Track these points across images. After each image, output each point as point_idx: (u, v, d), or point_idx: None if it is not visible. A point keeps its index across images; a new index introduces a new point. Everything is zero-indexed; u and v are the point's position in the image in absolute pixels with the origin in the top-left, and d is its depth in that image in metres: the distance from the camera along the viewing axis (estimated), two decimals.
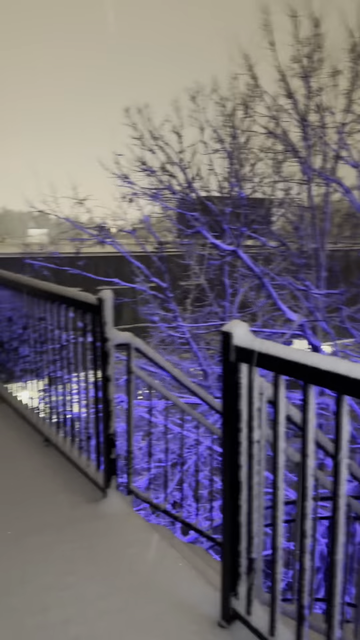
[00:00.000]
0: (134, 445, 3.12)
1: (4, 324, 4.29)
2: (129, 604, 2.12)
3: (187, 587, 2.24)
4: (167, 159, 9.78)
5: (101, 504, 2.82)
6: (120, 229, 10.33)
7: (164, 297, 9.90)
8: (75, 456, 3.26)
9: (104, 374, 2.87)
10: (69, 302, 3.16)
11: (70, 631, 1.97)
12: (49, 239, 11.14)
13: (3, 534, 2.58)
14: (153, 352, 3.12)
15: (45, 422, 3.69)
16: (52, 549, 2.46)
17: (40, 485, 3.07)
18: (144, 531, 2.61)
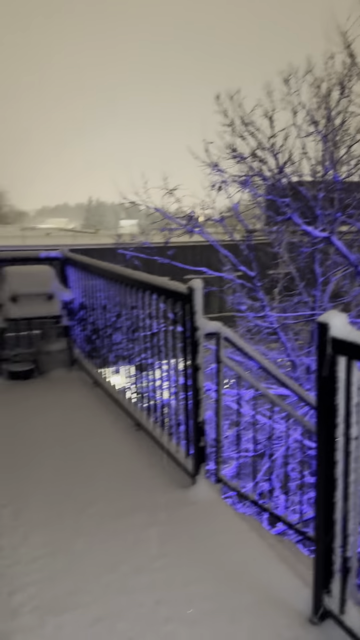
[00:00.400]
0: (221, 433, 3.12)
1: (99, 311, 4.46)
2: (218, 591, 2.14)
3: (277, 580, 2.21)
4: (258, 145, 9.60)
5: (191, 490, 2.86)
6: (209, 217, 10.32)
7: (252, 286, 9.78)
8: (165, 441, 3.33)
9: (194, 363, 2.90)
10: (160, 291, 3.21)
11: (161, 612, 2.03)
12: (140, 229, 11.40)
13: (98, 514, 2.70)
14: (242, 341, 3.09)
15: (136, 407, 3.81)
16: (143, 532, 2.54)
17: (132, 468, 3.17)
18: (233, 520, 2.61)
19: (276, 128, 9.42)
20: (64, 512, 2.71)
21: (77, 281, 5.11)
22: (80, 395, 4.46)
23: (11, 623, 1.98)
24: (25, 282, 4.81)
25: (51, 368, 5.01)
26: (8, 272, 4.83)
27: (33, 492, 2.91)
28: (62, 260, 5.51)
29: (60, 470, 3.14)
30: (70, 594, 2.14)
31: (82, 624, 1.98)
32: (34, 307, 4.82)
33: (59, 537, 2.50)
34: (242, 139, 9.65)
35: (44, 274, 4.93)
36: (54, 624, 1.98)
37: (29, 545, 2.44)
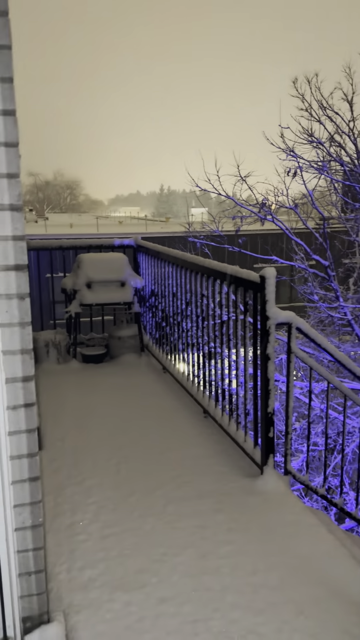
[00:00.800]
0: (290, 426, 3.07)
1: (169, 299, 4.51)
2: (285, 583, 2.12)
3: (347, 576, 2.16)
4: (336, 129, 9.24)
5: (259, 481, 2.85)
6: (281, 204, 10.09)
7: (325, 276, 9.49)
8: (232, 430, 3.33)
9: (264, 352, 2.86)
10: (230, 279, 3.19)
11: (227, 598, 2.04)
12: (210, 217, 11.36)
13: (165, 497, 2.75)
14: (315, 332, 3.01)
15: (204, 395, 3.83)
16: (210, 517, 2.56)
17: (199, 454, 3.20)
18: (301, 513, 2.57)
19: (356, 112, 9.02)
20: (133, 493, 2.79)
21: (148, 268, 5.19)
22: (149, 380, 4.54)
23: (82, 596, 2.07)
24: (99, 269, 4.95)
25: (122, 353, 5.14)
26: (84, 259, 4.98)
27: (104, 472, 3.01)
28: (134, 248, 5.62)
29: (129, 452, 3.23)
30: (139, 572, 2.20)
31: (149, 603, 2.03)
32: (108, 293, 4.95)
33: (127, 517, 2.58)
34: (319, 123, 9.33)
35: (118, 261, 5.04)
36: (122, 600, 2.05)
37: (100, 523, 2.54)
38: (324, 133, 9.50)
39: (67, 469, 3.04)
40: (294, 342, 2.96)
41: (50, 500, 2.73)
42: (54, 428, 3.58)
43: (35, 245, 5.45)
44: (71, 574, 2.19)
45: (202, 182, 10.40)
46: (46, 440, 3.41)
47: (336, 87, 9.21)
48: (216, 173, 10.11)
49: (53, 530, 2.48)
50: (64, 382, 4.49)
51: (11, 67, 1.49)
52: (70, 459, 3.15)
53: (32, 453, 1.69)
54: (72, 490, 2.82)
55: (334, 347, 3.08)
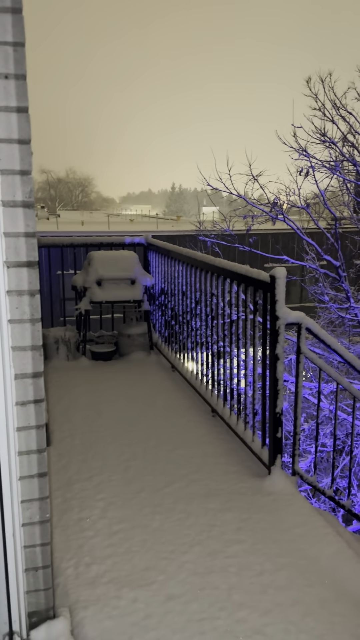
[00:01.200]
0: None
1: (178, 297, 4.51)
2: (293, 583, 2.11)
3: (354, 577, 2.15)
4: (349, 129, 9.18)
5: (266, 481, 2.84)
6: (293, 204, 10.04)
7: (336, 276, 9.43)
8: (240, 430, 3.32)
9: (273, 352, 2.85)
10: (241, 278, 3.18)
11: (234, 598, 2.04)
12: (221, 216, 11.33)
13: (174, 495, 2.75)
14: (325, 333, 3.00)
15: (212, 394, 3.82)
16: (218, 516, 2.56)
17: (207, 453, 3.20)
18: (309, 514, 2.56)
19: None
20: (141, 490, 2.79)
21: (158, 267, 5.19)
22: (158, 379, 4.55)
23: (89, 592, 2.07)
24: (110, 266, 4.96)
25: (131, 351, 5.14)
26: (95, 256, 5.00)
27: (114, 468, 3.02)
28: (145, 246, 5.62)
29: (138, 450, 3.23)
30: (146, 569, 2.20)
31: (155, 600, 2.03)
32: (118, 291, 4.96)
33: (136, 514, 2.59)
34: (332, 123, 9.27)
35: (129, 259, 5.05)
36: (129, 597, 2.05)
37: (108, 519, 2.54)
38: (337, 133, 9.45)
39: (76, 465, 3.05)
40: (304, 342, 2.95)
41: (58, 496, 2.74)
42: (63, 424, 3.59)
43: (47, 242, 5.48)
44: (78, 569, 2.20)
45: (213, 180, 10.38)
46: (55, 436, 3.42)
47: (350, 87, 9.15)
48: (228, 172, 10.09)
49: (61, 526, 2.49)
50: (73, 379, 4.51)
51: (24, 64, 1.50)
52: (79, 456, 3.17)
53: (40, 449, 1.70)
54: (81, 486, 2.83)
55: (343, 348, 3.06)
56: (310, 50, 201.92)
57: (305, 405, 10.04)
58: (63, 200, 64.96)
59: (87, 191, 69.80)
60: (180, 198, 75.48)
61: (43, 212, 37.23)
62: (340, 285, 9.47)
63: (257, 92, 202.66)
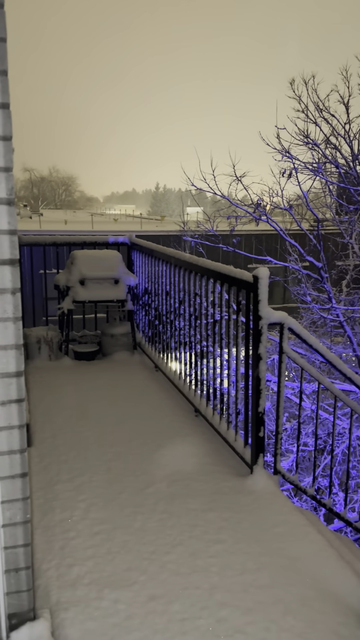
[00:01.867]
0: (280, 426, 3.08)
1: (162, 297, 4.50)
2: (274, 582, 2.12)
3: (334, 576, 2.17)
4: (331, 132, 9.27)
5: (248, 480, 2.85)
6: (276, 205, 10.10)
7: (318, 277, 9.52)
8: (223, 430, 3.33)
9: (256, 352, 2.86)
10: (224, 278, 3.19)
11: (216, 597, 2.04)
12: (205, 216, 11.36)
13: (156, 495, 2.75)
14: (307, 333, 3.02)
15: (195, 394, 3.83)
16: (200, 516, 2.56)
17: (192, 453, 3.20)
18: (290, 513, 2.58)
19: (352, 114, 9.05)
20: (123, 490, 2.78)
21: (142, 266, 5.18)
22: (141, 378, 4.54)
23: (70, 593, 2.06)
24: (93, 266, 4.93)
25: (114, 350, 5.13)
26: (77, 255, 4.96)
27: (96, 469, 3.00)
28: (128, 246, 5.61)
29: (120, 450, 3.22)
30: (127, 570, 2.19)
31: (137, 601, 2.03)
32: (101, 290, 4.94)
33: (117, 515, 2.57)
34: (315, 125, 9.35)
35: (112, 258, 5.03)
36: (110, 598, 2.04)
37: (90, 520, 2.53)
38: (319, 135, 9.53)
39: (58, 466, 3.03)
40: (286, 342, 2.97)
41: (40, 497, 2.71)
42: (45, 425, 3.56)
43: (29, 241, 5.43)
44: (60, 570, 2.19)
45: (197, 181, 10.39)
46: (36, 437, 3.39)
47: (332, 90, 9.24)
48: (212, 172, 10.11)
49: (42, 527, 2.47)
50: (55, 379, 4.47)
51: (6, 60, 1.48)
52: (61, 456, 3.14)
53: (22, 449, 1.68)
54: (63, 487, 2.81)
55: (325, 348, 3.09)
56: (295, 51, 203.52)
57: (287, 405, 10.11)
58: (46, 199, 64.47)
59: (70, 190, 69.39)
60: (165, 198, 75.47)
61: (26, 210, 36.92)
62: (322, 286, 9.55)
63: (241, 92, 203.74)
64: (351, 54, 9.37)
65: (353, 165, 9.11)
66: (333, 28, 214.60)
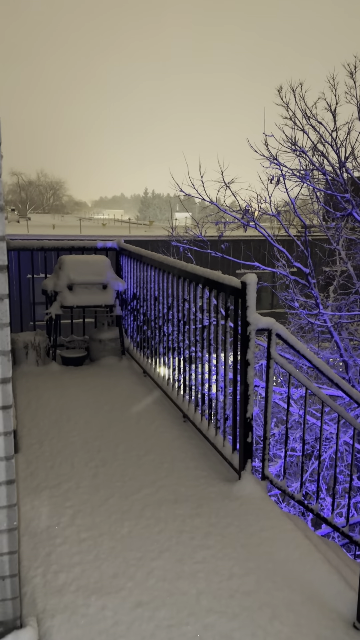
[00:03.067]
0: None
1: (150, 302, 4.51)
2: (261, 587, 2.13)
3: (321, 581, 2.18)
4: (319, 139, 9.37)
5: (236, 485, 2.86)
6: (264, 211, 10.17)
7: (306, 283, 9.59)
8: (211, 435, 3.34)
9: (244, 358, 2.88)
10: (212, 284, 3.21)
11: (203, 603, 2.04)
12: (194, 222, 11.40)
13: (143, 501, 2.74)
14: (295, 339, 3.04)
15: (183, 399, 3.83)
16: (187, 522, 2.56)
17: (178, 458, 3.20)
18: (278, 518, 2.59)
19: (339, 122, 9.17)
20: (110, 496, 2.77)
21: (130, 271, 5.19)
22: (129, 383, 4.53)
23: (56, 601, 2.05)
24: (81, 271, 4.92)
25: (102, 356, 5.11)
26: (66, 260, 4.95)
27: (83, 475, 2.99)
28: (117, 251, 5.61)
29: (107, 456, 3.21)
30: (114, 577, 2.19)
31: (124, 608, 2.02)
32: (89, 295, 4.93)
33: (104, 521, 2.57)
34: (303, 132, 9.45)
35: (100, 263, 5.03)
36: (97, 605, 2.03)
37: (76, 526, 2.52)
38: (307, 142, 9.63)
39: (44, 472, 3.01)
40: (274, 348, 2.99)
41: (26, 503, 2.70)
42: (31, 431, 3.54)
43: (17, 246, 5.40)
44: (46, 577, 2.17)
45: (186, 186, 10.44)
46: (23, 442, 3.37)
47: (320, 97, 9.35)
48: (200, 178, 10.16)
49: (29, 533, 2.46)
50: (43, 385, 4.45)
51: None
52: (48, 462, 3.13)
53: (8, 456, 1.67)
54: (49, 493, 2.79)
55: (312, 354, 3.12)
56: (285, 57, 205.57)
57: (275, 410, 10.15)
58: (34, 203, 64.20)
59: (58, 194, 69.18)
60: (153, 203, 75.57)
61: (13, 214, 36.73)
62: (310, 292, 9.62)
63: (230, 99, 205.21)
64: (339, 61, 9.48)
65: (340, 172, 9.21)
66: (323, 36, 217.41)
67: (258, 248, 17.06)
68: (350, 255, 10.11)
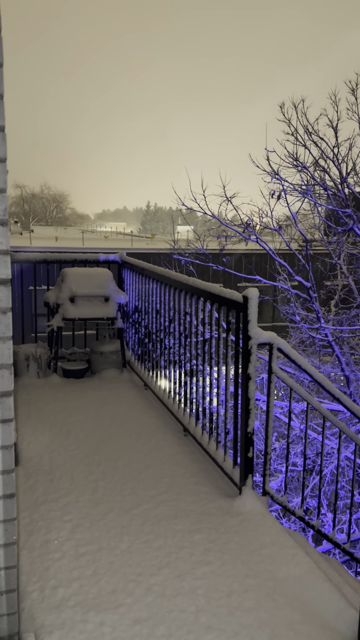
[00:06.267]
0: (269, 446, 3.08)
1: (152, 315, 4.52)
2: (261, 605, 2.10)
3: (322, 600, 2.16)
4: (320, 154, 9.45)
5: (237, 501, 2.84)
6: (265, 226, 10.23)
7: (307, 297, 9.60)
8: (212, 449, 3.32)
9: (245, 372, 2.88)
10: (214, 298, 3.22)
11: (202, 620, 2.02)
12: (196, 235, 11.45)
13: (142, 516, 2.73)
14: (296, 353, 3.04)
15: (184, 413, 3.82)
16: (187, 537, 2.54)
17: (178, 473, 3.18)
18: (279, 535, 2.57)
19: (340, 138, 9.25)
20: (110, 511, 2.76)
21: (132, 284, 5.20)
22: (130, 397, 4.52)
23: (54, 616, 2.03)
24: (83, 283, 4.94)
25: (103, 368, 5.11)
26: (68, 273, 4.98)
27: (82, 489, 2.97)
28: (119, 264, 5.63)
29: (107, 470, 3.20)
30: (113, 592, 2.17)
31: (123, 624, 2.00)
32: (91, 308, 4.94)
33: (103, 535, 2.55)
34: (304, 148, 9.53)
35: (103, 276, 5.05)
36: (95, 621, 2.01)
37: (75, 541, 2.50)
38: (308, 158, 9.71)
39: (44, 486, 3.00)
40: (275, 362, 2.99)
41: (25, 517, 2.68)
42: (31, 444, 3.53)
43: (20, 259, 5.43)
44: (44, 593, 2.15)
45: (188, 200, 10.50)
46: (22, 455, 3.36)
47: (322, 114, 9.44)
48: (202, 192, 10.22)
49: (27, 547, 2.44)
50: (44, 397, 4.45)
51: (2, 84, 1.51)
52: (47, 476, 3.11)
53: (7, 470, 1.67)
54: (48, 507, 2.77)
55: (314, 369, 3.11)
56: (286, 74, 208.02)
57: (276, 424, 10.10)
58: (37, 215, 64.58)
59: (61, 207, 69.58)
60: (156, 216, 75.99)
61: (16, 226, 36.95)
62: (311, 306, 9.63)
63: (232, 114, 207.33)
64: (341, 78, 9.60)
65: (341, 187, 9.28)
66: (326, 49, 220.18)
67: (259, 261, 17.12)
68: (351, 270, 10.14)
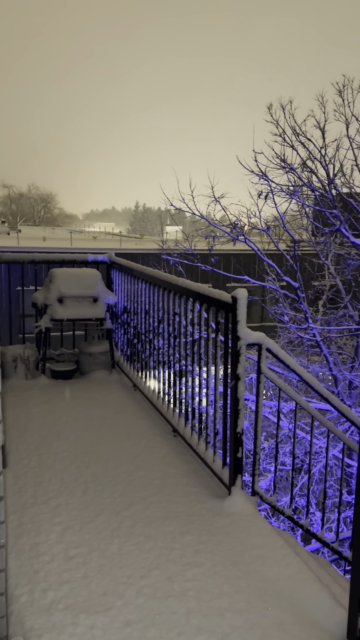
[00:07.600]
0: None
1: (141, 316, 4.51)
2: (251, 606, 2.11)
3: (311, 599, 2.17)
4: (308, 155, 9.50)
5: (226, 502, 2.84)
6: (254, 226, 10.26)
7: (295, 297, 9.65)
8: (202, 450, 3.32)
9: (234, 373, 2.88)
10: (203, 298, 3.22)
11: (193, 622, 2.02)
12: (184, 235, 11.46)
13: (133, 518, 2.72)
14: (284, 353, 3.06)
15: (173, 413, 3.82)
16: (177, 539, 2.54)
17: (168, 474, 3.18)
18: (268, 535, 2.58)
19: (328, 139, 9.31)
20: (100, 513, 2.74)
21: (121, 285, 5.19)
22: (119, 398, 4.51)
23: (44, 620, 2.01)
24: (72, 284, 4.92)
25: (92, 369, 5.09)
26: (56, 273, 4.95)
27: (72, 491, 2.96)
28: (108, 264, 5.61)
29: (97, 472, 3.18)
30: (103, 595, 2.16)
31: (113, 627, 1.99)
32: (80, 308, 4.92)
33: (93, 538, 2.53)
34: (292, 149, 9.58)
35: (91, 277, 5.03)
36: (85, 624, 2.00)
37: (65, 544, 2.48)
38: (296, 158, 9.76)
39: (33, 488, 2.97)
40: (264, 362, 2.99)
41: (14, 520, 2.66)
42: (20, 446, 3.50)
43: (7, 259, 5.39)
44: (34, 596, 2.13)
45: (176, 201, 10.50)
46: (11, 458, 3.33)
47: (309, 115, 9.50)
48: (191, 193, 10.23)
49: (16, 550, 2.42)
50: (32, 399, 4.41)
51: None
52: (36, 478, 3.09)
53: None
54: (38, 510, 2.75)
55: (302, 368, 3.13)
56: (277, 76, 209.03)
57: (265, 424, 10.14)
58: (25, 215, 64.16)
59: (49, 207, 69.20)
60: (144, 217, 75.92)
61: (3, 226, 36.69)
62: (299, 306, 9.68)
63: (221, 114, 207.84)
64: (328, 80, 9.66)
65: (329, 188, 9.34)
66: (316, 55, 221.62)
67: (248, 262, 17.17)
68: (339, 270, 10.21)
